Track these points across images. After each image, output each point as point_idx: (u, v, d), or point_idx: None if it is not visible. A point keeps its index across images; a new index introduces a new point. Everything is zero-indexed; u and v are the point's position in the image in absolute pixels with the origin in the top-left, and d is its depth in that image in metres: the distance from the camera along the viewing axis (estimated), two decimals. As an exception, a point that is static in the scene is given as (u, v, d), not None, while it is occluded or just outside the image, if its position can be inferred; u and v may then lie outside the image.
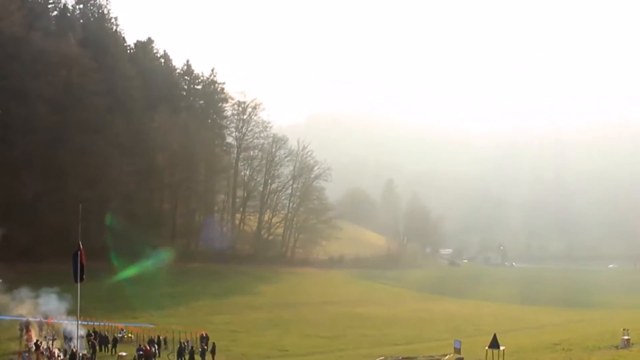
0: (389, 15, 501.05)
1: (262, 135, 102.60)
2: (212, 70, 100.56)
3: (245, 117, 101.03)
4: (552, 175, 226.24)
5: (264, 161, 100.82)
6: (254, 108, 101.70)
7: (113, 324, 41.77)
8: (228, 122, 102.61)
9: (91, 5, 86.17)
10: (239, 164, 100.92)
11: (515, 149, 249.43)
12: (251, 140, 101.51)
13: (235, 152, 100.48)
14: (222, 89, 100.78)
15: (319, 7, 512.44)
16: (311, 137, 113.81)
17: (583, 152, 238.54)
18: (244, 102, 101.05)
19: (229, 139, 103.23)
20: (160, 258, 68.38)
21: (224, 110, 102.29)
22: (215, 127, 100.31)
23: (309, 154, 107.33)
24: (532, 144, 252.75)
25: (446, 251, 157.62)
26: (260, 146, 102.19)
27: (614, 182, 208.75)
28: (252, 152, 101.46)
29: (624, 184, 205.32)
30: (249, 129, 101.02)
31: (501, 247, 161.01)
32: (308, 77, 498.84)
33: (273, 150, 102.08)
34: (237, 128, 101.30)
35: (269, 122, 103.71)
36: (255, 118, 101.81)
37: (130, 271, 60.59)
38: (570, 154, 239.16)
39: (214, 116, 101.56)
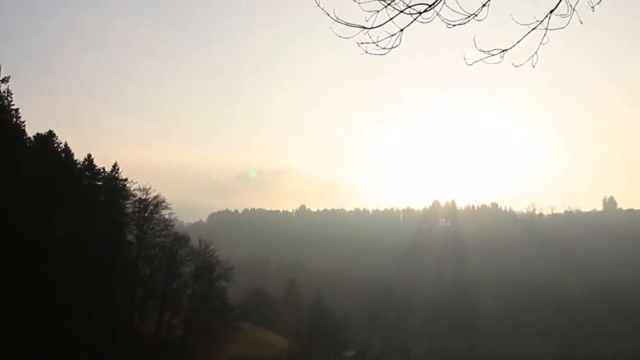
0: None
1: (163, 233, 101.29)
2: (114, 166, 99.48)
3: (146, 214, 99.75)
4: (453, 275, 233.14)
5: (164, 260, 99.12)
6: (156, 206, 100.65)
7: None
8: (129, 220, 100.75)
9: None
10: (139, 262, 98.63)
11: (417, 249, 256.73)
12: (152, 238, 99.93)
13: (136, 250, 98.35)
14: (124, 185, 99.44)
15: (218, 107, 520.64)
16: (213, 236, 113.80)
17: (483, 252, 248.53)
18: (146, 200, 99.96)
19: (130, 237, 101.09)
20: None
21: (125, 207, 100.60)
22: (115, 224, 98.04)
23: (210, 253, 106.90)
24: (434, 243, 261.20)
25: (349, 353, 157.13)
26: (161, 244, 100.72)
27: (514, 281, 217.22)
28: (152, 251, 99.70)
29: (523, 284, 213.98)
30: (150, 227, 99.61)
31: (404, 349, 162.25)
32: (212, 177, 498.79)
33: (174, 249, 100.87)
34: (138, 226, 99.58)
35: (170, 221, 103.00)
36: (156, 216, 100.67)
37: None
38: (470, 253, 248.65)
39: (115, 213, 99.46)
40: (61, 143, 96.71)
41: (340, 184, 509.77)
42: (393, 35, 8.88)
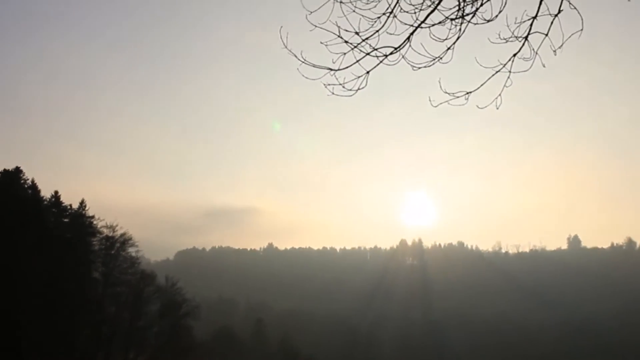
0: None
1: (129, 271, 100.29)
2: (82, 203, 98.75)
3: (113, 252, 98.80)
4: (420, 314, 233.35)
5: (130, 297, 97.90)
6: (123, 243, 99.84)
7: None
8: (95, 257, 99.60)
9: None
10: (105, 299, 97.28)
11: (385, 288, 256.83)
12: (118, 276, 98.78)
13: (102, 287, 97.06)
14: (91, 222, 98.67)
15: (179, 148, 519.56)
16: (180, 274, 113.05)
17: (450, 290, 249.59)
18: (113, 237, 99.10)
19: (95, 274, 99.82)
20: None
21: (92, 245, 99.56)
22: (81, 261, 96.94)
23: (177, 291, 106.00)
24: (401, 282, 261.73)
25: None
26: (127, 282, 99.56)
27: (481, 320, 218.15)
28: (118, 288, 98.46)
29: (490, 322, 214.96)
30: (117, 264, 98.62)
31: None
32: (179, 214, 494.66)
33: (141, 286, 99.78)
34: (104, 263, 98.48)
35: (137, 258, 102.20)
36: (123, 254, 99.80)
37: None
38: (437, 292, 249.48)
39: (81, 250, 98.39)
40: (28, 179, 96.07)
41: (308, 222, 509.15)
42: (359, 77, 9.08)
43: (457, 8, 8.80)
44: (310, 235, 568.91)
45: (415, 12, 8.92)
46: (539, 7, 8.55)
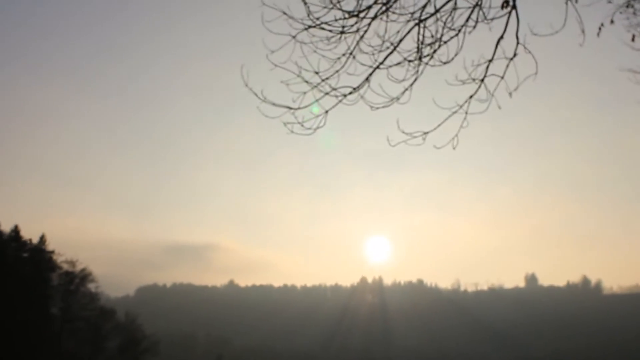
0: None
1: (89, 307, 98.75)
2: (42, 238, 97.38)
3: (72, 287, 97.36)
4: (380, 352, 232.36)
5: (89, 333, 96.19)
6: (83, 279, 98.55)
7: None
8: (54, 292, 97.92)
9: None
10: (63, 335, 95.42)
11: (345, 326, 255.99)
12: (77, 311, 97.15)
13: (60, 323, 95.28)
14: (51, 257, 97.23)
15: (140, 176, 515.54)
16: (140, 310, 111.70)
17: (410, 328, 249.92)
18: (73, 273, 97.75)
19: (54, 310, 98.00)
20: None
21: (51, 280, 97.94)
22: (40, 297, 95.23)
23: (137, 327, 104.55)
24: (361, 320, 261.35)
25: None
26: (86, 318, 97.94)
27: (439, 355, 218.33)
28: (77, 324, 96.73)
29: (448, 359, 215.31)
30: (76, 300, 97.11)
31: None
32: (140, 250, 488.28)
33: (100, 322, 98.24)
34: (62, 299, 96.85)
35: (97, 294, 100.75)
36: (83, 289, 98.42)
37: None
38: (397, 329, 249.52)
39: (40, 285, 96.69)
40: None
41: (268, 259, 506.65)
42: (318, 116, 9.10)
43: (415, 50, 8.91)
44: (271, 272, 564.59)
45: (374, 54, 8.97)
46: (495, 51, 8.65)
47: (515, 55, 8.64)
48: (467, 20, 8.71)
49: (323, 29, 8.92)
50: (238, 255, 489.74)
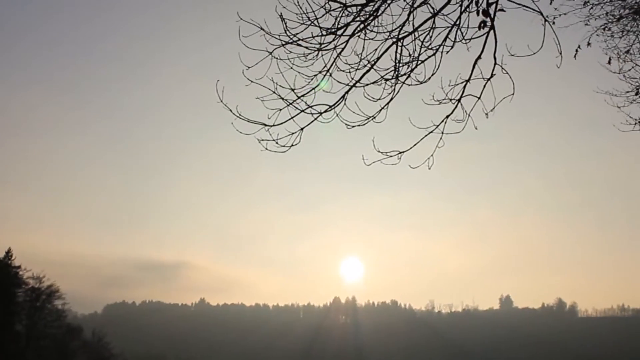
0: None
1: (55, 324, 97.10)
2: (8, 252, 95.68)
3: (38, 304, 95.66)
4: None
5: (55, 352, 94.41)
6: (49, 295, 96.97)
7: None
8: (19, 309, 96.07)
9: None
10: (28, 352, 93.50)
11: (318, 347, 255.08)
12: (43, 329, 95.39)
13: (24, 340, 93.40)
14: (17, 273, 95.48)
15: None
16: (108, 329, 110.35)
17: (383, 349, 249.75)
18: (39, 289, 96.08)
19: (19, 327, 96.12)
20: None
21: (17, 296, 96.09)
22: (5, 313, 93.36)
23: (104, 345, 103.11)
24: (334, 340, 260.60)
25: None
26: (52, 336, 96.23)
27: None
28: (43, 342, 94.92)
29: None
30: (42, 317, 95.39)
31: None
32: (109, 267, 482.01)
33: (66, 340, 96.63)
34: (28, 315, 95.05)
35: (64, 311, 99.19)
36: (49, 306, 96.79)
37: None
38: (369, 351, 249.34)
39: (5, 301, 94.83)
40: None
41: (240, 278, 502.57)
42: (293, 133, 9.02)
43: (392, 69, 8.85)
44: (243, 291, 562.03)
45: (351, 71, 8.92)
46: (472, 71, 8.61)
47: (492, 75, 8.59)
48: (445, 40, 8.66)
49: (300, 45, 8.82)
50: (210, 273, 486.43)
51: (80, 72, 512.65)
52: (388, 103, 9.02)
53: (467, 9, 8.42)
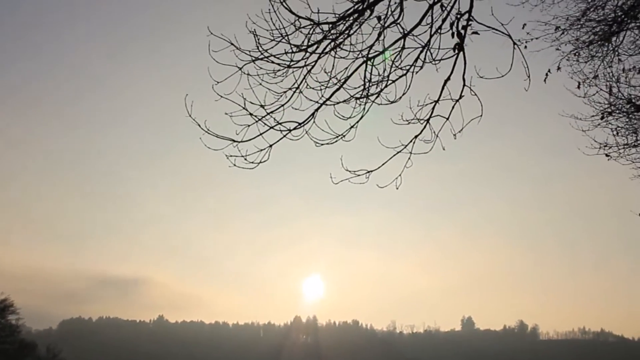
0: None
1: (8, 340, 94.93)
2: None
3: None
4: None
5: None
6: (2, 310, 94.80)
7: None
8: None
9: None
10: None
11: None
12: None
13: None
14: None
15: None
16: (64, 345, 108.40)
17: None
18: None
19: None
20: None
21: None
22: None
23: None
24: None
25: None
26: (4, 351, 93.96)
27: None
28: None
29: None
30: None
31: None
32: (65, 282, 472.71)
33: (19, 356, 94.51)
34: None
35: (17, 327, 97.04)
36: (2, 321, 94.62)
37: None
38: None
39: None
40: None
41: (201, 295, 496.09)
42: (262, 150, 9.00)
43: (362, 88, 8.90)
44: (203, 308, 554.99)
45: (321, 89, 8.94)
46: (441, 92, 8.68)
47: (461, 97, 8.66)
48: (415, 61, 8.73)
49: (270, 61, 8.80)
50: (169, 290, 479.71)
51: (37, 82, 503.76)
52: (358, 122, 9.04)
53: (439, 31, 8.51)
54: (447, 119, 8.82)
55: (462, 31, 8.24)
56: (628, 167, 14.05)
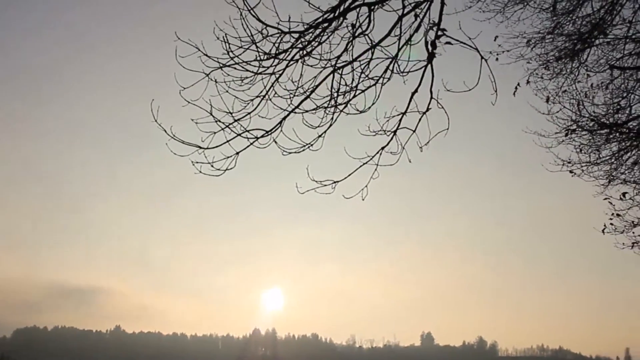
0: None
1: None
2: None
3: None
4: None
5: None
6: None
7: None
8: None
9: None
10: None
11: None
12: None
13: None
14: None
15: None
16: (18, 355, 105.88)
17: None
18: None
19: None
20: None
21: None
22: None
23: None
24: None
25: None
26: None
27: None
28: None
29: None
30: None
31: None
32: (19, 291, 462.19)
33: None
34: None
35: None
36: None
37: None
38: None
39: None
40: None
41: (159, 305, 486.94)
42: (229, 157, 8.87)
43: (329, 97, 8.83)
44: (161, 319, 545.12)
45: (289, 97, 8.85)
46: (408, 104, 8.65)
47: (428, 109, 8.62)
48: (384, 72, 8.68)
49: (240, 68, 8.64)
50: (127, 300, 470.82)
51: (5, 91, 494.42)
52: (325, 131, 8.95)
53: (409, 42, 8.49)
54: (414, 131, 8.77)
55: (433, 44, 8.25)
56: (591, 184, 14.23)
